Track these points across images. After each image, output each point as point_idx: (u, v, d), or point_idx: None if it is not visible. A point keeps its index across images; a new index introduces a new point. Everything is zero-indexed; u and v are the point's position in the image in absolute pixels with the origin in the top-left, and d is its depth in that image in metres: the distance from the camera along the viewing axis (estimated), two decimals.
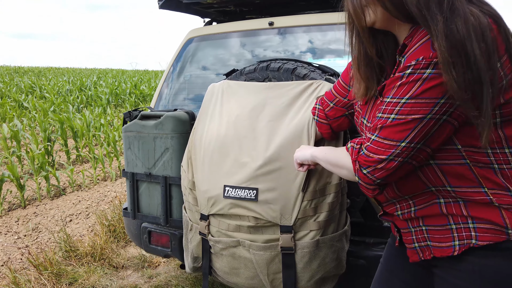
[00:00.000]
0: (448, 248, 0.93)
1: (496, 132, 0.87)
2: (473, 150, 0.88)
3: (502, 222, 0.88)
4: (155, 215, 1.93)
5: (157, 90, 2.44)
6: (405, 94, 0.83)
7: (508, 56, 0.82)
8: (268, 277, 1.36)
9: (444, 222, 0.94)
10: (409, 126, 0.84)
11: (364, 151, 0.90)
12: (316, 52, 2.15)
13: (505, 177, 0.89)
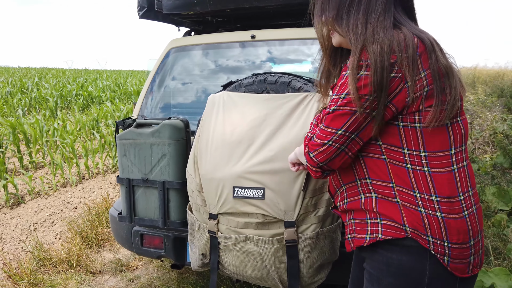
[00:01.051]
0: (362, 239, 1.10)
1: (415, 135, 1.01)
2: (391, 148, 1.04)
3: (400, 220, 1.03)
4: (153, 218, 2.03)
5: (140, 99, 2.50)
6: (343, 91, 1.02)
7: (431, 71, 0.98)
8: (275, 267, 1.54)
9: (364, 217, 1.11)
10: (345, 117, 1.02)
11: (313, 138, 1.09)
12: (293, 62, 2.35)
13: (415, 177, 1.01)
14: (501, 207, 3.52)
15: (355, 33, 1.04)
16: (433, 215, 1.00)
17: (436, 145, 1.00)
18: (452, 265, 1.00)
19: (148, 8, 2.61)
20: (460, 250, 1.00)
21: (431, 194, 1.00)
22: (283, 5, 2.31)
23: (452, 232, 0.99)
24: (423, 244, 1.01)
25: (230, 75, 2.40)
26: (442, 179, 1.00)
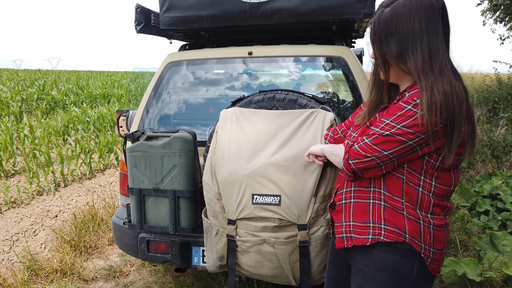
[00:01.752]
0: (364, 239, 1.28)
1: (432, 170, 1.22)
2: (412, 172, 1.23)
3: (403, 228, 1.24)
4: (163, 225, 2.15)
5: (139, 112, 2.59)
6: (401, 122, 1.17)
7: (469, 124, 1.17)
8: (290, 266, 1.73)
9: (366, 220, 1.29)
10: (395, 144, 1.18)
11: (356, 147, 1.24)
12: (287, 80, 2.55)
13: (421, 199, 1.23)
14: (463, 204, 3.90)
15: (423, 72, 1.17)
16: (428, 227, 1.24)
17: (443, 181, 1.24)
18: (432, 265, 1.26)
19: (145, 23, 2.71)
20: (439, 255, 1.27)
21: (428, 212, 1.24)
22: (276, 24, 2.50)
23: (437, 241, 1.25)
24: (416, 248, 1.24)
25: (227, 89, 2.56)
26: (438, 205, 1.25)
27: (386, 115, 1.23)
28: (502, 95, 7.77)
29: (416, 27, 1.20)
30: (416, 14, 1.20)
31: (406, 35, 1.20)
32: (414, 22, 1.20)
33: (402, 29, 1.21)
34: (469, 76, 16.02)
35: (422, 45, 1.19)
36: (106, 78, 21.09)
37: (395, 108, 1.21)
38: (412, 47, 1.20)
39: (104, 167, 6.20)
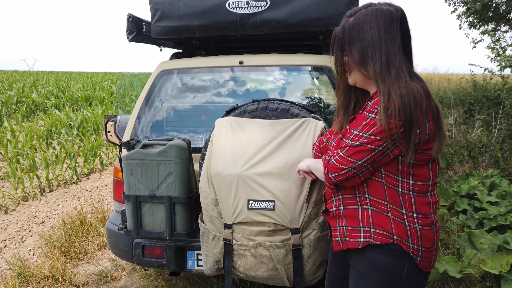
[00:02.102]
0: (356, 242, 1.37)
1: (408, 168, 1.29)
2: (389, 174, 1.31)
3: (390, 230, 1.32)
4: (159, 231, 2.21)
5: (131, 119, 2.63)
6: (367, 131, 1.26)
7: (434, 122, 1.25)
8: (284, 268, 1.82)
9: (356, 224, 1.38)
10: (365, 153, 1.27)
11: (332, 161, 1.34)
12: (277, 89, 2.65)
13: (403, 199, 1.31)
14: (442, 203, 4.07)
15: (381, 76, 1.27)
16: (414, 227, 1.31)
17: (421, 177, 1.32)
18: (422, 263, 1.33)
19: (137, 32, 2.76)
20: (428, 252, 1.33)
21: (413, 212, 1.31)
22: (265, 34, 2.59)
23: (424, 239, 1.32)
24: (405, 248, 1.32)
25: (219, 97, 2.63)
26: (421, 201, 1.32)
27: (354, 126, 1.33)
28: (477, 97, 8.08)
29: (376, 35, 1.29)
30: (376, 23, 1.30)
31: (367, 43, 1.30)
32: (374, 31, 1.30)
33: (364, 37, 1.31)
34: (446, 78, 16.51)
35: (380, 52, 1.28)
36: (86, 80, 20.76)
37: (361, 118, 1.30)
38: (372, 54, 1.29)
39: (89, 171, 6.17)
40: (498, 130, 5.51)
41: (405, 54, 1.33)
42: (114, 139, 3.10)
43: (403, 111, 1.20)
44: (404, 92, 1.22)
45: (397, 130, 1.22)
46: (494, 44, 6.07)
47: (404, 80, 1.25)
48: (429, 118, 1.25)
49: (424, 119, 1.23)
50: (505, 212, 3.44)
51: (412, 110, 1.20)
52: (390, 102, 1.22)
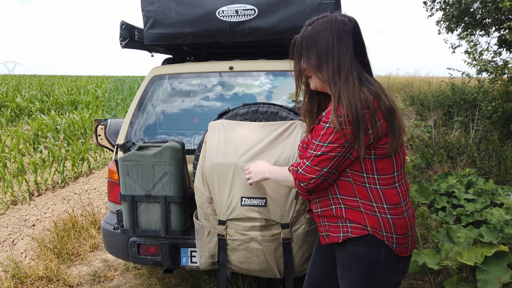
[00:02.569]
0: (337, 237, 1.49)
1: (371, 164, 1.40)
2: (355, 173, 1.42)
3: (364, 223, 1.43)
4: (155, 229, 2.32)
5: (125, 124, 2.73)
6: (326, 141, 1.38)
7: (385, 120, 1.36)
8: (275, 260, 1.94)
9: (336, 221, 1.49)
10: (328, 160, 1.39)
11: (301, 171, 1.45)
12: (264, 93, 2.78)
13: (372, 193, 1.42)
14: (422, 201, 4.26)
15: (333, 80, 1.43)
16: (385, 217, 1.43)
17: (384, 170, 1.44)
18: (398, 249, 1.44)
19: (130, 39, 2.86)
20: (403, 239, 1.44)
21: (383, 204, 1.42)
22: (255, 41, 2.73)
23: (397, 228, 1.42)
24: (380, 238, 1.45)
25: (210, 101, 2.75)
26: (389, 193, 1.42)
27: (314, 136, 1.45)
28: (455, 100, 8.38)
29: (330, 43, 1.41)
30: (331, 32, 1.42)
31: (323, 49, 1.43)
32: (329, 38, 1.42)
33: (320, 44, 1.43)
34: (427, 81, 16.95)
35: (333, 58, 1.41)
36: (70, 84, 20.59)
37: (319, 129, 1.43)
38: (326, 59, 1.42)
39: (77, 175, 6.19)
40: (475, 132, 5.77)
41: (358, 60, 1.45)
42: (105, 143, 3.18)
43: (351, 112, 1.32)
44: (350, 94, 1.35)
45: (351, 135, 1.35)
46: (471, 49, 6.34)
47: (352, 83, 1.37)
48: (379, 117, 1.36)
49: (374, 119, 1.34)
50: (481, 209, 3.64)
51: (359, 111, 1.32)
52: (340, 106, 1.34)
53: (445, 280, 2.78)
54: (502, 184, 4.44)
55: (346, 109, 1.33)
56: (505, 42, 7.93)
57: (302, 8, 2.61)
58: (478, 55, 6.23)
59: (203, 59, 3.26)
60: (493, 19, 8.27)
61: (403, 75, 21.55)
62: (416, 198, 4.32)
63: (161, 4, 2.72)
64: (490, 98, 6.21)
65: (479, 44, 6.40)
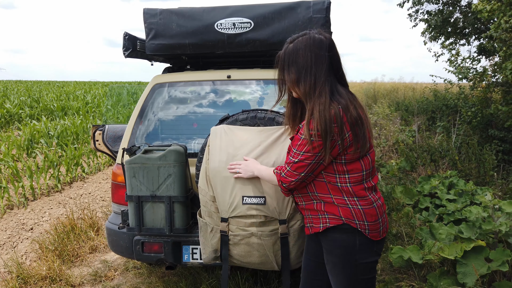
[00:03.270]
0: (318, 227, 1.73)
1: (342, 167, 1.62)
2: (328, 174, 1.65)
3: (338, 213, 1.66)
4: (159, 227, 2.48)
5: (129, 128, 2.88)
6: (301, 150, 1.61)
7: (352, 131, 1.56)
8: (273, 254, 2.12)
9: (317, 214, 1.73)
10: (304, 167, 1.62)
11: (283, 174, 1.70)
12: (261, 100, 2.97)
13: (343, 190, 1.65)
14: (407, 202, 4.49)
15: (309, 95, 1.60)
16: (357, 208, 1.65)
17: (354, 171, 1.64)
18: (370, 234, 1.66)
19: (132, 49, 3.03)
20: (374, 225, 1.66)
21: (353, 197, 1.65)
22: (250, 51, 2.92)
23: (368, 216, 1.65)
24: (353, 226, 1.65)
25: (209, 108, 2.93)
26: (357, 188, 1.65)
27: (293, 145, 1.67)
28: (438, 106, 8.71)
29: (308, 61, 1.59)
30: (309, 50, 1.60)
31: (301, 66, 1.61)
32: (308, 56, 1.60)
33: (299, 61, 1.62)
34: (411, 87, 17.38)
35: (310, 75, 1.60)
36: (58, 90, 20.50)
37: (297, 139, 1.66)
38: (305, 76, 1.61)
39: (71, 180, 6.28)
40: (456, 136, 6.05)
41: (333, 73, 1.64)
42: (102, 148, 3.33)
43: (320, 126, 1.53)
44: (321, 108, 1.55)
45: (320, 147, 1.56)
46: (453, 57, 6.65)
47: (324, 98, 1.56)
48: (347, 129, 1.57)
49: (341, 132, 1.56)
50: (461, 208, 3.88)
51: (327, 124, 1.52)
52: (312, 120, 1.55)
53: (428, 274, 2.99)
54: (482, 185, 4.71)
55: (317, 123, 1.53)
56: (484, 50, 8.30)
57: (294, 21, 2.82)
58: (459, 63, 6.55)
59: (200, 68, 3.43)
60: (473, 28, 8.65)
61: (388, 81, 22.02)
62: (401, 199, 4.54)
63: (163, 17, 2.90)
64: (470, 104, 6.52)
65: (460, 53, 6.72)
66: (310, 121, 1.56)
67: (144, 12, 2.94)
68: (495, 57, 7.01)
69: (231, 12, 2.85)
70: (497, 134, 5.70)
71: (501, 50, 5.20)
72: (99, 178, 6.64)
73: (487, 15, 5.48)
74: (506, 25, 4.88)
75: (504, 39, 5.01)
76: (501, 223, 3.01)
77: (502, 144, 5.63)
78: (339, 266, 1.72)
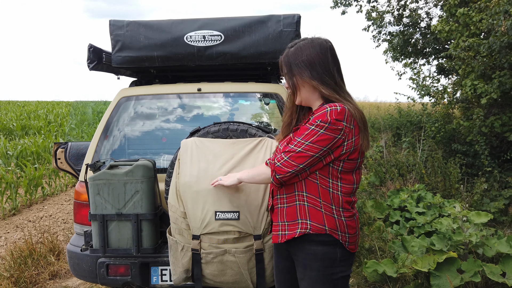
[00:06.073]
0: (293, 233, 1.63)
1: (337, 174, 1.59)
2: (322, 177, 1.60)
3: (322, 222, 1.60)
4: (126, 248, 2.32)
5: (93, 143, 2.73)
6: (308, 139, 1.55)
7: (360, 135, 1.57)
8: (248, 271, 2.02)
9: (295, 219, 1.64)
10: (306, 158, 1.55)
11: (278, 164, 1.59)
12: (231, 113, 2.92)
13: (333, 197, 1.60)
14: (378, 216, 4.51)
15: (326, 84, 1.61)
16: (340, 219, 1.61)
17: (347, 181, 1.62)
18: (349, 246, 1.64)
19: (97, 62, 2.91)
20: (353, 238, 1.65)
21: (339, 207, 1.61)
22: (220, 64, 2.88)
23: (349, 228, 1.63)
24: (336, 237, 1.61)
25: (178, 122, 2.84)
26: (346, 200, 1.62)
27: (298, 134, 1.61)
28: (402, 122, 8.97)
29: (314, 55, 1.63)
30: (312, 48, 1.64)
31: (308, 60, 1.63)
32: (311, 53, 1.63)
33: (304, 58, 1.64)
34: (375, 105, 17.91)
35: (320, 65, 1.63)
36: (18, 109, 19.64)
37: (304, 129, 1.60)
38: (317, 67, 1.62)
39: (31, 202, 5.92)
40: (422, 151, 6.21)
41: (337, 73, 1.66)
42: (65, 166, 3.14)
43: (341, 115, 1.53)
44: (337, 105, 1.56)
45: (330, 141, 1.53)
46: (415, 75, 6.91)
47: (342, 90, 1.64)
48: (356, 132, 1.58)
49: (352, 133, 1.56)
50: (430, 220, 3.93)
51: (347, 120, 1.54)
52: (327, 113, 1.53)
53: (403, 287, 2.97)
54: (448, 197, 4.81)
55: (335, 114, 1.52)
56: (443, 70, 8.70)
57: (265, 35, 2.81)
58: (421, 81, 6.79)
59: (169, 82, 3.35)
60: (433, 49, 9.06)
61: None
62: (372, 213, 4.56)
63: (130, 29, 2.82)
64: (434, 119, 6.74)
65: (422, 71, 6.99)
66: (324, 114, 1.53)
67: (110, 23, 2.85)
68: (454, 76, 7.35)
69: (201, 25, 2.81)
70: (460, 148, 5.89)
71: (460, 69, 5.44)
72: (62, 199, 6.31)
73: (445, 35, 5.74)
74: (464, 44, 5.10)
75: (463, 57, 5.24)
76: (471, 234, 3.05)
77: (465, 158, 5.82)
78: (318, 281, 1.64)
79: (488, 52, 4.88)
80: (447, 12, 6.17)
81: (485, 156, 5.21)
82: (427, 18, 9.03)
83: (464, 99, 6.13)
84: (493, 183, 4.96)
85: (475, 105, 5.91)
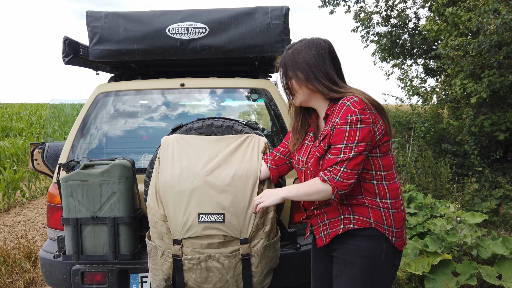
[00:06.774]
0: (336, 230, 1.57)
1: (378, 161, 1.53)
2: (365, 171, 1.52)
3: (368, 215, 1.54)
4: (102, 254, 2.15)
5: (68, 142, 2.55)
6: (354, 140, 1.45)
7: (382, 119, 1.52)
8: (234, 278, 1.87)
9: (337, 215, 1.58)
10: (361, 160, 1.46)
11: (338, 179, 1.45)
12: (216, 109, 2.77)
13: (378, 189, 1.53)
14: None
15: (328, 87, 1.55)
16: (387, 211, 1.53)
17: (388, 167, 1.55)
18: (396, 242, 1.54)
19: (73, 55, 2.73)
20: (400, 232, 1.56)
21: (387, 199, 1.53)
22: (204, 59, 2.73)
23: (396, 221, 1.54)
24: (382, 231, 1.51)
25: (160, 119, 2.68)
26: (392, 188, 1.55)
27: (338, 140, 1.48)
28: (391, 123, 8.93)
29: (312, 58, 1.57)
30: (310, 49, 1.59)
31: (307, 63, 1.58)
32: (309, 54, 1.58)
33: (303, 59, 1.58)
34: None
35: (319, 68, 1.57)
36: (0, 111, 19.13)
37: (340, 133, 1.48)
38: (315, 71, 1.57)
39: (9, 206, 5.66)
40: (412, 151, 6.14)
41: (336, 73, 1.60)
42: (42, 168, 2.95)
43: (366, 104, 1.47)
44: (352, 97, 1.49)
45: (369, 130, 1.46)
46: (403, 76, 6.86)
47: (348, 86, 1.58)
48: (379, 116, 1.52)
49: (377, 117, 1.51)
50: (422, 221, 3.83)
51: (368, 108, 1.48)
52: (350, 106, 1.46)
53: None
54: (439, 198, 4.73)
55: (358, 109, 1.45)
56: (430, 70, 8.69)
57: (252, 27, 2.67)
58: (409, 81, 6.74)
59: (151, 78, 3.18)
60: (420, 49, 9.05)
61: None
62: None
63: (108, 21, 2.65)
64: (423, 119, 6.68)
65: (411, 71, 6.94)
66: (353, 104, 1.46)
67: (87, 15, 2.68)
68: (442, 76, 7.32)
69: (184, 16, 2.65)
70: (450, 148, 5.84)
71: (449, 68, 5.38)
72: (42, 203, 6.06)
73: (434, 34, 5.68)
74: (453, 43, 5.05)
75: (452, 56, 5.18)
76: (465, 235, 2.95)
77: (455, 158, 5.77)
78: (357, 279, 1.54)
79: (478, 51, 4.82)
80: (435, 12, 6.13)
81: (475, 156, 5.15)
82: (415, 18, 9.02)
83: (453, 98, 6.09)
84: (484, 183, 4.91)
85: (464, 104, 5.87)
